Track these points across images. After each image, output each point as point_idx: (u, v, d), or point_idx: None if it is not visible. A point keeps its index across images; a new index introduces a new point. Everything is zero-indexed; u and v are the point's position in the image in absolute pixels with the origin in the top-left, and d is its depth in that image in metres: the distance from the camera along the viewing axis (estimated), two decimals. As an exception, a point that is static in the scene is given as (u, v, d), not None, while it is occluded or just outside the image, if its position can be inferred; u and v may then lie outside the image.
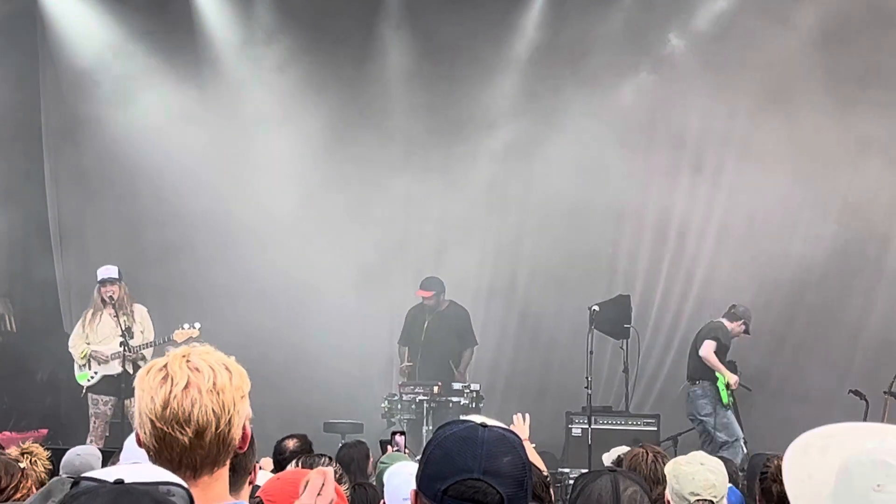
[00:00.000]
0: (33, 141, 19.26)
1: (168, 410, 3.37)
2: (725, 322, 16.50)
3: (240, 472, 4.09)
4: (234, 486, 3.95)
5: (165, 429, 3.38)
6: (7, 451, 6.96)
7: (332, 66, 18.36)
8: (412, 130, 18.73)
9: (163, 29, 18.64)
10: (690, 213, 18.87)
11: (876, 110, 17.25)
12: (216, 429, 3.40)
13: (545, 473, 7.19)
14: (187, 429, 3.37)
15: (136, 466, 2.91)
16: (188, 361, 3.45)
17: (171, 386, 3.39)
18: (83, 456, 8.58)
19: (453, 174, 18.65)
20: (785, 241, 18.57)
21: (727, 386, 16.12)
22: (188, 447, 3.39)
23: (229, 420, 3.43)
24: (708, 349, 16.10)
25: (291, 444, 9.55)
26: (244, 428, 3.52)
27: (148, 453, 3.45)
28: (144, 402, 3.43)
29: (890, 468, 1.76)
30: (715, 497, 6.32)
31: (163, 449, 3.41)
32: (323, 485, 3.79)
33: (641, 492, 4.34)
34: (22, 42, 18.79)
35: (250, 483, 4.58)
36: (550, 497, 7.13)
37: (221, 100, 18.77)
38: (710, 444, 15.51)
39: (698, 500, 6.30)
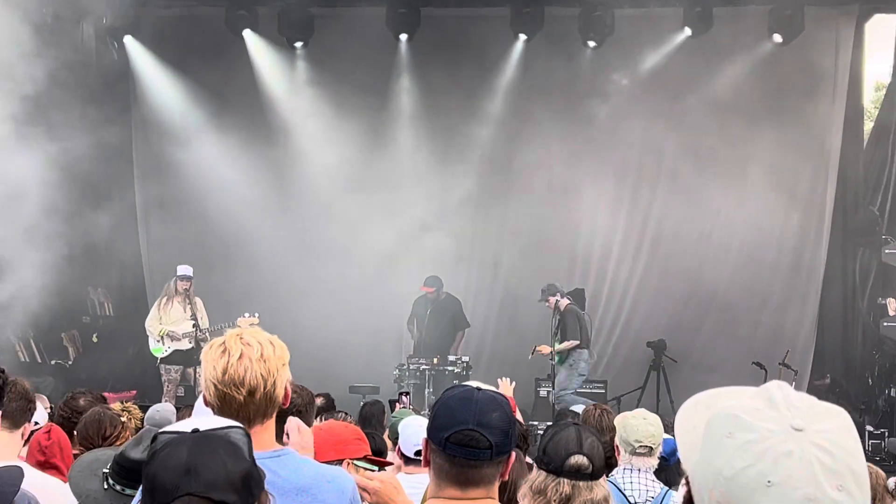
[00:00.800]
0: (127, 170, 19.28)
1: (226, 376, 3.47)
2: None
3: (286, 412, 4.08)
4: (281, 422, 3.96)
5: (225, 390, 3.47)
6: (110, 407, 6.96)
7: (356, 107, 18.32)
8: (417, 156, 18.74)
9: (224, 81, 18.63)
10: (632, 226, 18.94)
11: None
12: (264, 389, 3.49)
13: (523, 426, 7.19)
14: (242, 389, 3.46)
15: (204, 418, 2.91)
16: (241, 338, 3.54)
17: (229, 357, 3.49)
18: (161, 411, 8.60)
19: (448, 191, 18.72)
20: (702, 247, 18.68)
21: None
22: (243, 403, 3.47)
23: (274, 382, 3.51)
24: None
25: (318, 401, 9.53)
26: (286, 389, 3.58)
27: (213, 409, 3.52)
28: (208, 370, 3.52)
29: (739, 419, 1.77)
30: (653, 444, 6.34)
31: (223, 406, 3.49)
32: (298, 429, 4.02)
33: (598, 442, 4.31)
34: (118, 94, 18.82)
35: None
36: (527, 444, 7.13)
37: (269, 137, 18.80)
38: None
39: (640, 446, 6.31)
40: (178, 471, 2.53)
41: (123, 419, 6.47)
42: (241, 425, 2.80)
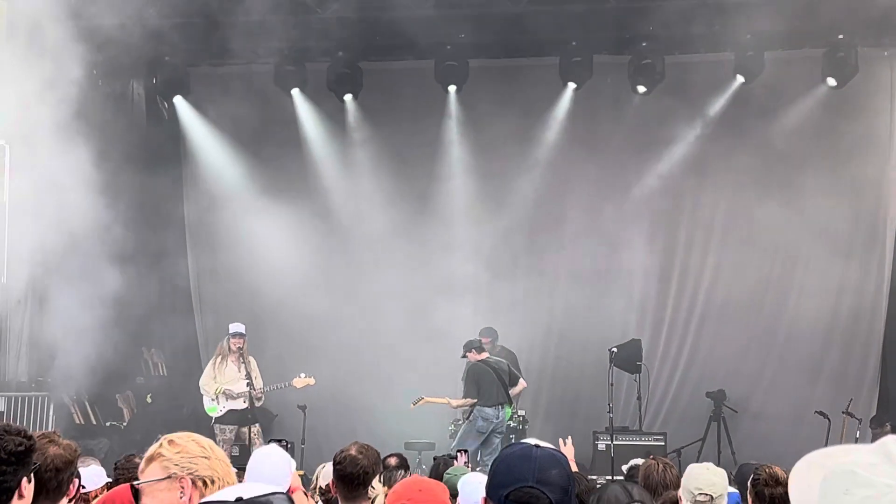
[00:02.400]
0: (178, 230, 19.47)
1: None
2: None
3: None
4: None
5: None
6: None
7: (406, 159, 18.45)
8: (468, 206, 18.80)
9: (273, 139, 18.82)
10: (687, 274, 18.86)
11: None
12: None
13: (585, 481, 7.17)
14: None
15: (247, 485, 2.92)
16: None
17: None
18: None
19: (501, 241, 18.80)
20: (760, 294, 18.57)
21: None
22: None
23: None
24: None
25: (393, 461, 9.61)
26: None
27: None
28: None
29: (856, 476, 1.75)
30: (714, 493, 6.29)
31: None
32: None
33: (644, 491, 4.31)
34: (169, 154, 19.09)
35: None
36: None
37: (319, 193, 18.95)
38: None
39: (701, 494, 6.26)
40: None
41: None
42: (283, 491, 2.81)
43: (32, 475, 4.30)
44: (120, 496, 5.84)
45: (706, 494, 6.29)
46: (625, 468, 9.83)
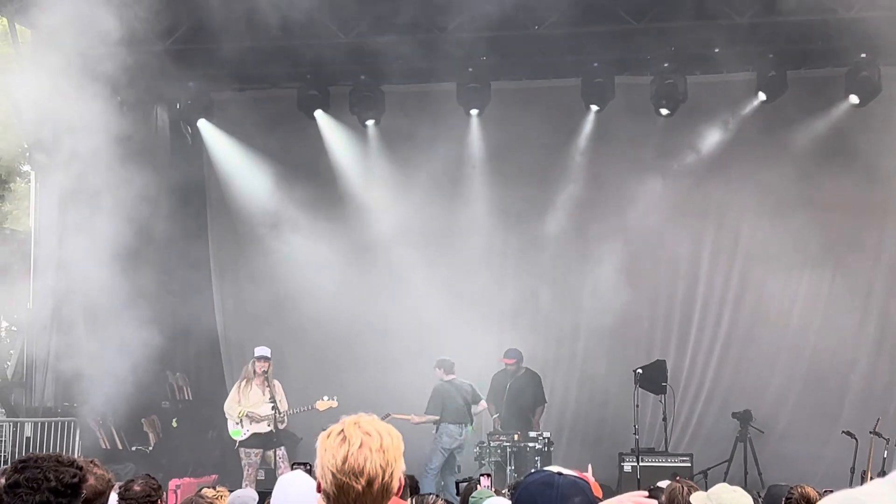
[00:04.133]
0: (203, 254, 19.57)
1: (346, 465, 3.42)
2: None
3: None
4: None
5: (344, 479, 3.43)
6: (203, 492, 7.02)
7: (429, 182, 18.44)
8: (492, 228, 18.83)
9: (297, 162, 18.93)
10: (711, 295, 18.82)
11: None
12: (382, 479, 3.45)
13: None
14: (361, 479, 3.42)
15: None
16: (360, 426, 3.50)
17: (349, 446, 3.45)
18: (241, 497, 8.72)
19: (524, 263, 18.83)
20: (785, 313, 18.51)
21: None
22: (360, 493, 3.43)
23: (392, 473, 3.47)
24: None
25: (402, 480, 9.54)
26: (400, 479, 3.55)
27: (327, 498, 3.49)
28: (326, 458, 3.47)
29: (859, 501, 1.76)
30: None
31: (340, 495, 3.45)
32: None
33: None
34: (193, 178, 19.17)
35: None
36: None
37: (343, 215, 18.99)
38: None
39: None
40: None
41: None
42: None
43: None
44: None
45: None
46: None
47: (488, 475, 11.49)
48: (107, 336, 15.88)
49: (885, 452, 15.81)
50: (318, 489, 3.54)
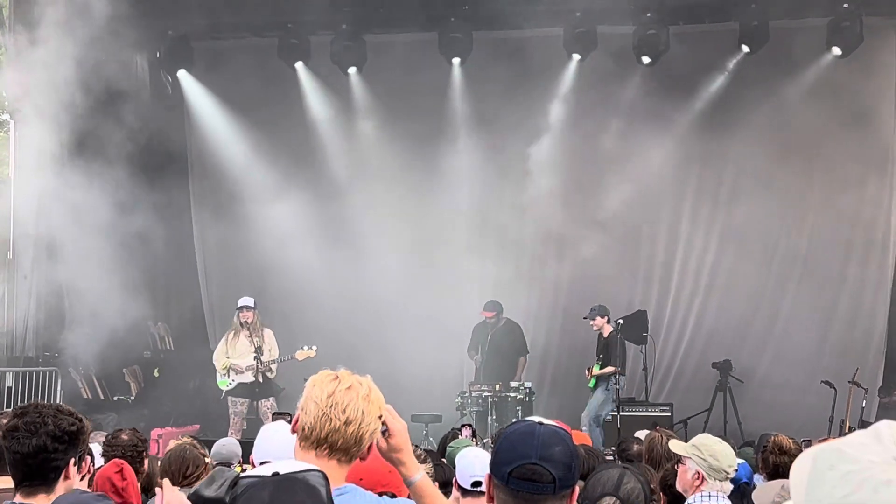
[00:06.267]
0: (184, 205, 19.54)
1: (331, 399, 3.49)
2: None
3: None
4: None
5: (325, 411, 3.48)
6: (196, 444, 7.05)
7: (410, 132, 18.42)
8: (473, 179, 18.80)
9: (277, 112, 18.86)
10: (692, 245, 18.88)
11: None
12: (359, 425, 3.49)
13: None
14: (342, 416, 3.47)
15: (283, 462, 2.97)
16: (353, 374, 3.59)
17: (339, 384, 3.53)
18: (227, 446, 8.81)
19: (505, 214, 18.83)
20: (766, 264, 18.58)
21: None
22: (336, 429, 3.47)
23: (369, 423, 3.52)
24: None
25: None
26: (371, 438, 3.59)
27: (301, 432, 3.53)
28: (314, 392, 3.53)
29: (842, 453, 1.79)
30: (737, 468, 6.38)
31: (316, 427, 3.49)
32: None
33: (641, 489, 4.35)
34: (173, 128, 19.03)
35: None
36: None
37: (324, 167, 18.99)
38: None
39: (732, 470, 6.31)
40: None
41: (208, 460, 6.55)
42: (319, 469, 2.86)
43: (79, 459, 4.35)
44: (131, 476, 5.90)
45: (735, 469, 6.37)
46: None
47: (469, 426, 11.53)
48: (88, 286, 15.85)
49: (864, 402, 15.97)
50: (293, 428, 3.57)
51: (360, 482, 4.63)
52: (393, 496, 4.52)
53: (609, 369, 15.83)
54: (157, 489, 4.14)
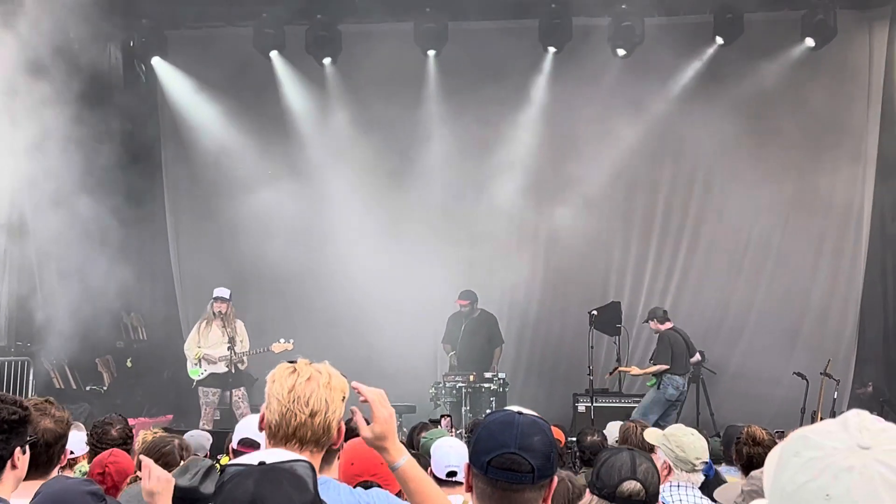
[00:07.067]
0: (158, 194, 19.46)
1: (292, 393, 3.48)
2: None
3: (332, 451, 4.14)
4: (327, 462, 3.99)
5: (288, 406, 3.48)
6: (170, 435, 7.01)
7: (386, 122, 18.41)
8: (448, 170, 18.79)
9: (253, 101, 18.80)
10: (666, 236, 18.94)
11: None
12: (325, 415, 3.50)
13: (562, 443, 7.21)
14: (305, 409, 3.48)
15: (269, 451, 2.99)
16: (310, 364, 3.59)
17: (298, 377, 3.52)
18: (195, 437, 8.88)
19: (480, 205, 18.84)
20: (738, 257, 18.67)
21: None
22: (302, 423, 3.48)
23: (334, 411, 3.53)
24: None
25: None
26: (339, 424, 3.60)
27: (269, 430, 3.54)
28: (274, 388, 3.53)
29: (807, 439, 1.82)
30: (706, 459, 6.39)
31: (282, 423, 3.50)
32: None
33: (653, 468, 4.37)
34: (147, 117, 18.96)
35: (338, 458, 4.64)
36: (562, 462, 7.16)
37: (299, 156, 18.94)
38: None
39: (700, 462, 6.33)
40: (245, 502, 2.63)
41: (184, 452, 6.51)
42: (306, 459, 2.86)
43: (28, 447, 4.30)
44: (113, 464, 5.88)
45: (704, 462, 6.39)
46: (610, 429, 9.85)
47: (448, 416, 11.52)
48: (60, 276, 15.77)
49: (835, 393, 16.05)
50: (260, 426, 3.57)
51: (350, 467, 4.63)
52: (378, 486, 4.54)
53: (652, 368, 15.66)
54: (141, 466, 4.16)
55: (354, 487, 4.20)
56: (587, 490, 4.42)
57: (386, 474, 4.66)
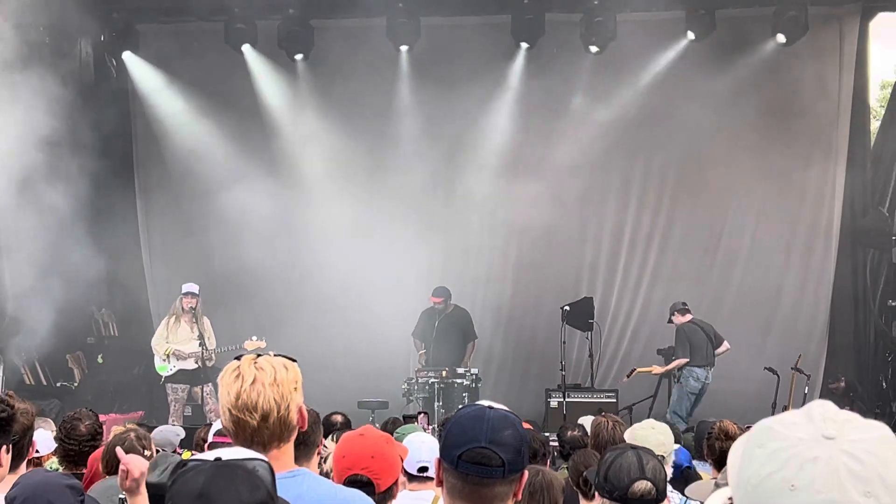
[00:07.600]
0: (128, 189, 19.37)
1: (240, 401, 3.47)
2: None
3: (309, 445, 4.13)
4: (305, 456, 3.99)
5: (239, 415, 3.48)
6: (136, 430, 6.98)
7: (358, 118, 18.41)
8: (421, 166, 18.76)
9: (225, 96, 18.70)
10: (638, 233, 18.98)
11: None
12: (277, 413, 3.49)
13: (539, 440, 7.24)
14: (255, 414, 3.46)
15: (230, 448, 2.97)
16: (255, 363, 3.55)
17: (242, 382, 3.49)
18: (164, 433, 8.99)
19: (453, 201, 18.86)
20: (710, 253, 18.73)
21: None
22: (256, 428, 3.47)
23: (287, 406, 3.51)
24: None
25: (339, 418, 9.68)
26: (300, 412, 3.57)
27: (228, 434, 3.52)
28: (223, 395, 3.53)
29: (772, 430, 1.83)
30: (664, 453, 6.34)
31: (238, 430, 3.50)
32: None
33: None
34: (119, 112, 18.83)
35: (318, 454, 4.64)
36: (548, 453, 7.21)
37: (271, 151, 18.87)
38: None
39: (665, 454, 6.31)
40: (192, 496, 2.64)
41: (148, 453, 6.48)
42: (265, 458, 2.85)
43: (11, 445, 4.26)
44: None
45: (668, 453, 6.37)
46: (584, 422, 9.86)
47: (425, 413, 11.50)
48: (30, 271, 15.68)
49: (806, 388, 16.15)
50: (222, 426, 3.57)
51: (342, 460, 4.62)
52: (370, 482, 4.52)
53: (674, 363, 15.94)
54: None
55: (345, 480, 4.21)
56: (596, 493, 4.42)
57: (377, 468, 4.66)
